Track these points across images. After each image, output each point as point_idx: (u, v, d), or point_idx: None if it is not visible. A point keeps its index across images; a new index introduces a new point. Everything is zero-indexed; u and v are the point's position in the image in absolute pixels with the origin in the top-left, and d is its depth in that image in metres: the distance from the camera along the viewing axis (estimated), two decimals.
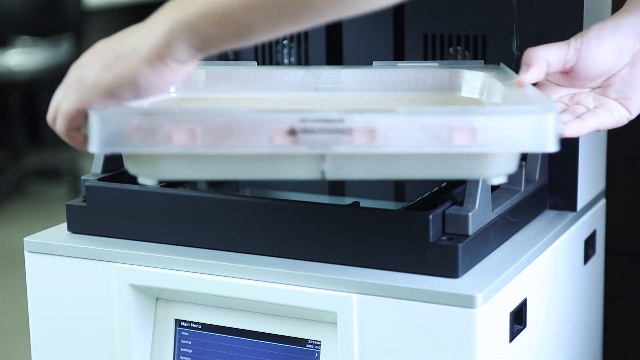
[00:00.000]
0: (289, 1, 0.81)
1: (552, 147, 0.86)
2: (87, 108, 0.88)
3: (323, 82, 1.14)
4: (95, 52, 0.90)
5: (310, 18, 0.82)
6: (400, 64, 1.15)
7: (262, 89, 1.14)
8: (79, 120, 0.90)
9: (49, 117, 0.94)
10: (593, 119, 1.00)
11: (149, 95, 0.88)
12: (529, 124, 0.85)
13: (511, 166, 0.91)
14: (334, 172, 0.89)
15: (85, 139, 0.91)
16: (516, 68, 1.18)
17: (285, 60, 1.33)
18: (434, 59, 1.25)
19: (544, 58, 0.99)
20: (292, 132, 0.85)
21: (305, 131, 0.85)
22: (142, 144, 0.85)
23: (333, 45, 1.32)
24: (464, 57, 1.24)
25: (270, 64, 1.34)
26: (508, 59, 1.19)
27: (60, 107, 0.91)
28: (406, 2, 1.25)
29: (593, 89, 1.04)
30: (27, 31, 4.33)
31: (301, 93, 1.13)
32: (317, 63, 1.31)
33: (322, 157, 0.88)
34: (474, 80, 1.11)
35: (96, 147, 0.86)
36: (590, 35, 1.01)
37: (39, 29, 4.34)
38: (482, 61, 1.16)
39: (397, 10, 1.27)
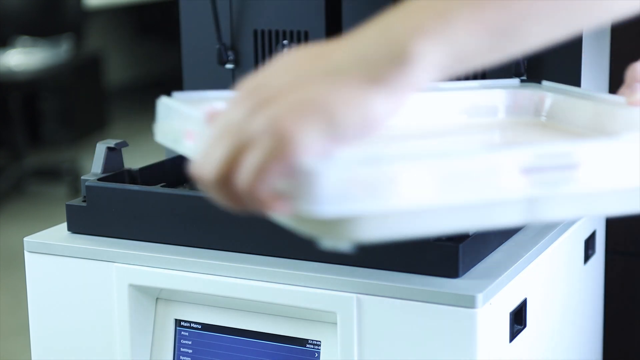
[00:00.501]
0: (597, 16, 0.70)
1: None
2: (291, 158, 0.66)
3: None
4: (287, 86, 0.68)
5: (592, 19, 0.72)
6: (442, 85, 0.99)
7: None
8: (276, 174, 0.67)
9: (215, 173, 0.68)
10: None
11: (375, 133, 0.68)
12: None
13: None
14: (538, 214, 0.75)
15: (276, 197, 0.68)
16: (516, 68, 1.17)
17: None
18: None
19: None
20: (527, 171, 0.72)
21: (540, 170, 0.72)
22: (366, 199, 0.67)
23: None
24: None
25: None
26: (508, 59, 1.18)
27: (250, 160, 0.66)
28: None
29: None
30: (27, 31, 4.33)
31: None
32: None
33: (531, 199, 0.74)
34: (531, 99, 1.02)
35: (313, 206, 0.66)
36: None
37: (39, 29, 4.34)
38: (518, 80, 1.08)
39: None
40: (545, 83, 1.06)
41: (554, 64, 1.17)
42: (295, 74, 0.69)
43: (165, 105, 0.87)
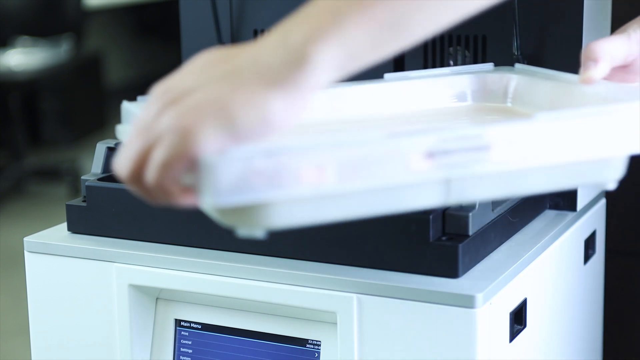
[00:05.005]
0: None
1: None
2: (193, 154, 0.71)
3: (351, 103, 1.03)
4: (193, 88, 0.73)
5: (475, 6, 0.75)
6: (412, 74, 1.05)
7: None
8: (179, 169, 0.72)
9: (130, 169, 0.74)
10: None
11: (275, 133, 0.72)
12: None
13: (625, 168, 0.86)
14: (458, 195, 0.80)
15: (184, 191, 0.74)
16: (516, 58, 1.17)
17: None
18: (434, 58, 1.25)
19: (609, 52, 0.92)
20: (431, 155, 0.76)
21: (445, 152, 0.76)
22: (264, 189, 0.72)
23: None
24: (464, 57, 1.24)
25: None
26: (508, 59, 1.19)
27: (155, 155, 0.72)
28: None
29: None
30: (27, 31, 4.33)
31: (336, 117, 1.01)
32: None
33: (447, 181, 0.78)
34: (500, 84, 1.04)
35: (214, 198, 0.72)
36: None
37: (39, 29, 4.34)
38: (492, 64, 1.10)
39: None
40: (517, 66, 1.07)
41: (555, 48, 1.17)
42: (201, 76, 0.73)
43: (127, 109, 0.91)
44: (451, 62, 1.24)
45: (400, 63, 1.28)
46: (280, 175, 0.72)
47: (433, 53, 1.25)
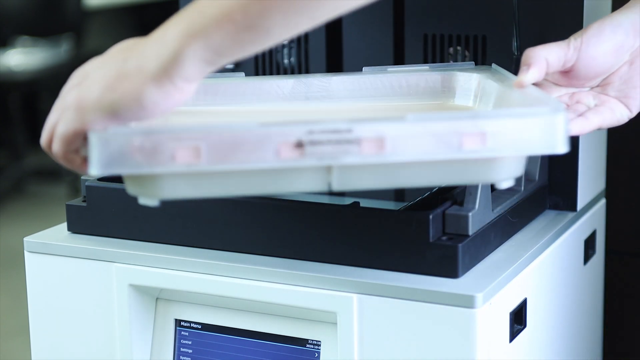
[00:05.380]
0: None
1: (563, 148, 0.86)
2: (86, 130, 0.84)
3: (314, 91, 1.11)
4: (94, 72, 0.86)
5: (331, 10, 0.81)
6: (390, 68, 1.12)
7: (251, 100, 1.10)
8: (77, 142, 0.86)
9: (44, 139, 0.89)
10: (596, 117, 0.99)
11: (154, 117, 0.84)
12: (539, 126, 0.85)
13: (519, 169, 0.90)
14: (340, 184, 0.87)
15: (84, 161, 0.88)
16: (516, 68, 1.18)
17: (285, 61, 1.33)
18: (434, 59, 1.25)
19: (544, 57, 0.98)
20: (300, 145, 0.83)
21: (313, 143, 0.83)
22: (144, 164, 0.83)
23: (333, 46, 1.32)
24: (464, 57, 1.24)
25: (271, 65, 1.34)
26: (508, 59, 1.19)
27: (57, 129, 0.87)
28: (406, 2, 1.25)
29: (592, 87, 1.03)
30: (27, 31, 4.33)
31: (292, 103, 1.10)
32: (317, 62, 1.31)
33: (328, 169, 0.86)
34: (467, 82, 1.09)
35: (96, 169, 0.83)
36: (590, 34, 1.00)
37: (39, 29, 4.34)
38: (473, 63, 1.14)
39: (397, 10, 1.27)
40: (493, 66, 1.11)
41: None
42: (104, 63, 0.86)
43: None
44: (451, 62, 1.24)
45: (400, 62, 1.28)
46: (157, 153, 0.82)
47: (433, 53, 1.25)
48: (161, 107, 0.83)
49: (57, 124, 0.86)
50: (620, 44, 1.00)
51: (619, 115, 1.01)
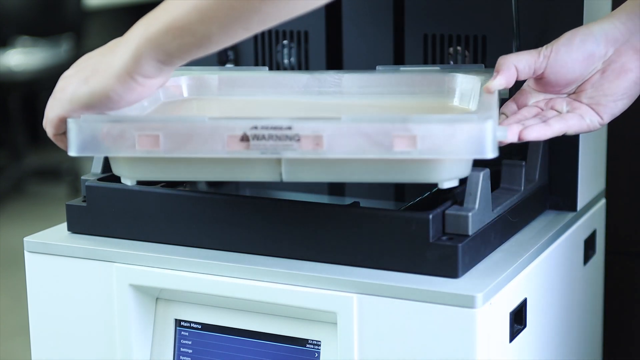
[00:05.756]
0: (239, 10, 0.85)
1: (491, 153, 0.90)
2: (67, 117, 0.97)
3: (327, 86, 1.16)
4: (78, 66, 0.99)
5: (261, 23, 0.87)
6: (403, 68, 1.17)
7: (270, 93, 1.17)
8: (63, 127, 0.99)
9: (44, 122, 1.02)
10: (559, 123, 1.02)
11: (122, 107, 0.96)
12: (466, 132, 0.90)
13: (461, 170, 0.95)
14: (289, 175, 0.95)
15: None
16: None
17: (285, 61, 1.33)
18: (434, 58, 1.25)
19: (513, 65, 1.03)
20: (245, 138, 0.92)
21: (257, 137, 0.92)
22: (112, 148, 0.95)
23: (333, 46, 1.32)
24: (464, 57, 1.24)
25: (270, 64, 1.34)
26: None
27: (47, 114, 1.00)
28: (406, 2, 1.25)
29: (569, 94, 1.06)
30: (27, 31, 4.33)
31: (306, 97, 1.16)
32: (317, 62, 1.31)
33: (278, 161, 0.94)
34: (465, 85, 1.12)
35: (74, 151, 0.96)
36: (560, 43, 1.04)
37: (39, 29, 4.34)
38: (483, 65, 1.16)
39: (397, 10, 1.27)
40: (487, 69, 1.15)
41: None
42: (89, 58, 0.99)
43: None
44: (451, 62, 1.24)
45: (400, 62, 1.28)
46: (122, 139, 0.94)
47: (433, 53, 1.25)
48: (127, 99, 0.95)
49: (48, 109, 1.00)
50: (590, 53, 1.04)
51: (589, 122, 1.04)
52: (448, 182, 0.94)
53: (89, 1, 4.52)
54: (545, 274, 1.10)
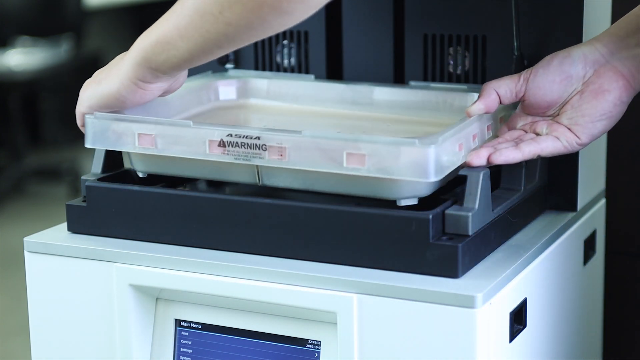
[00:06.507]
0: (212, 31, 0.94)
1: (433, 177, 0.96)
2: (87, 113, 1.10)
3: (360, 97, 1.25)
4: (103, 68, 1.10)
5: (232, 44, 0.96)
6: (433, 85, 1.24)
7: (310, 101, 1.26)
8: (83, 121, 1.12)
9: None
10: (529, 147, 1.05)
11: (130, 107, 1.08)
12: (410, 155, 0.96)
13: (420, 190, 1.01)
14: (267, 180, 1.05)
15: None
16: (516, 68, 1.18)
17: (285, 61, 1.33)
18: (434, 59, 1.25)
19: (493, 90, 1.07)
20: (222, 144, 1.03)
21: (232, 144, 1.02)
22: (117, 143, 1.09)
23: (333, 46, 1.32)
24: (464, 57, 1.24)
25: (270, 65, 1.34)
26: (508, 59, 1.19)
27: (77, 108, 1.11)
28: (406, 2, 1.25)
29: (553, 116, 1.09)
30: (27, 31, 4.33)
31: (341, 105, 1.25)
32: (317, 62, 1.31)
33: (257, 167, 1.04)
34: (457, 102, 1.19)
35: (88, 143, 1.10)
36: (539, 66, 1.08)
37: (39, 29, 4.34)
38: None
39: (397, 10, 1.27)
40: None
41: (555, 48, 1.17)
42: (110, 63, 1.09)
43: None
44: (451, 62, 1.25)
45: (400, 62, 1.28)
46: (125, 135, 1.08)
47: (433, 53, 1.25)
48: (132, 101, 1.06)
49: (78, 104, 1.11)
50: (567, 75, 1.07)
51: (565, 143, 1.06)
52: (406, 200, 1.00)
53: (89, 1, 4.52)
54: (545, 274, 1.10)
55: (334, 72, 1.32)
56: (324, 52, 1.31)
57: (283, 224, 1.03)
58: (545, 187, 1.18)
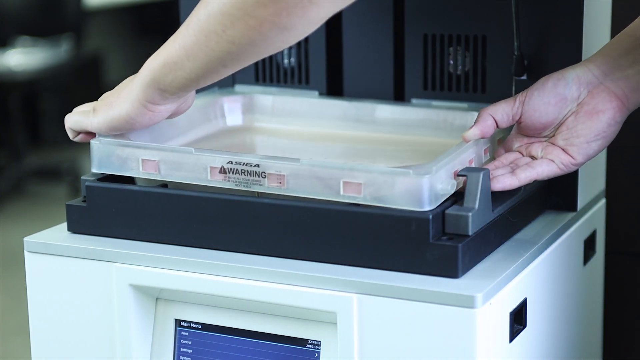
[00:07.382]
0: (217, 50, 0.96)
1: (427, 206, 0.97)
2: (96, 132, 1.11)
3: (362, 116, 1.26)
4: (113, 90, 1.11)
5: (237, 62, 0.98)
6: (435, 103, 1.25)
7: (314, 119, 1.28)
8: (93, 137, 1.13)
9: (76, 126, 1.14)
10: (525, 173, 1.06)
11: (139, 129, 1.09)
12: (405, 184, 0.97)
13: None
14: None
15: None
16: (516, 68, 1.18)
17: (285, 61, 1.33)
18: (434, 59, 1.25)
19: (489, 115, 1.08)
20: (223, 171, 1.04)
21: (232, 171, 1.04)
22: (121, 168, 1.10)
23: (333, 46, 1.32)
24: (464, 57, 1.24)
25: (270, 65, 1.34)
26: (508, 59, 1.19)
27: (72, 116, 1.14)
28: (406, 2, 1.25)
29: (549, 137, 1.09)
30: (27, 31, 4.33)
31: (345, 124, 1.27)
32: (317, 62, 1.31)
33: (257, 192, 1.05)
34: (459, 121, 1.20)
35: (94, 167, 1.11)
36: (534, 88, 1.08)
37: (39, 29, 4.34)
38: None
39: (397, 10, 1.27)
40: None
41: (555, 48, 1.18)
42: (119, 85, 1.10)
43: None
44: (451, 62, 1.25)
45: (400, 62, 1.28)
46: (129, 160, 1.09)
47: (433, 53, 1.25)
48: (141, 123, 1.07)
49: (90, 120, 1.11)
50: (561, 96, 1.07)
51: (560, 166, 1.07)
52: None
53: (89, 1, 4.52)
54: (545, 274, 1.10)
55: (334, 72, 1.32)
56: (324, 52, 1.31)
57: (283, 224, 1.03)
58: (545, 187, 1.18)
